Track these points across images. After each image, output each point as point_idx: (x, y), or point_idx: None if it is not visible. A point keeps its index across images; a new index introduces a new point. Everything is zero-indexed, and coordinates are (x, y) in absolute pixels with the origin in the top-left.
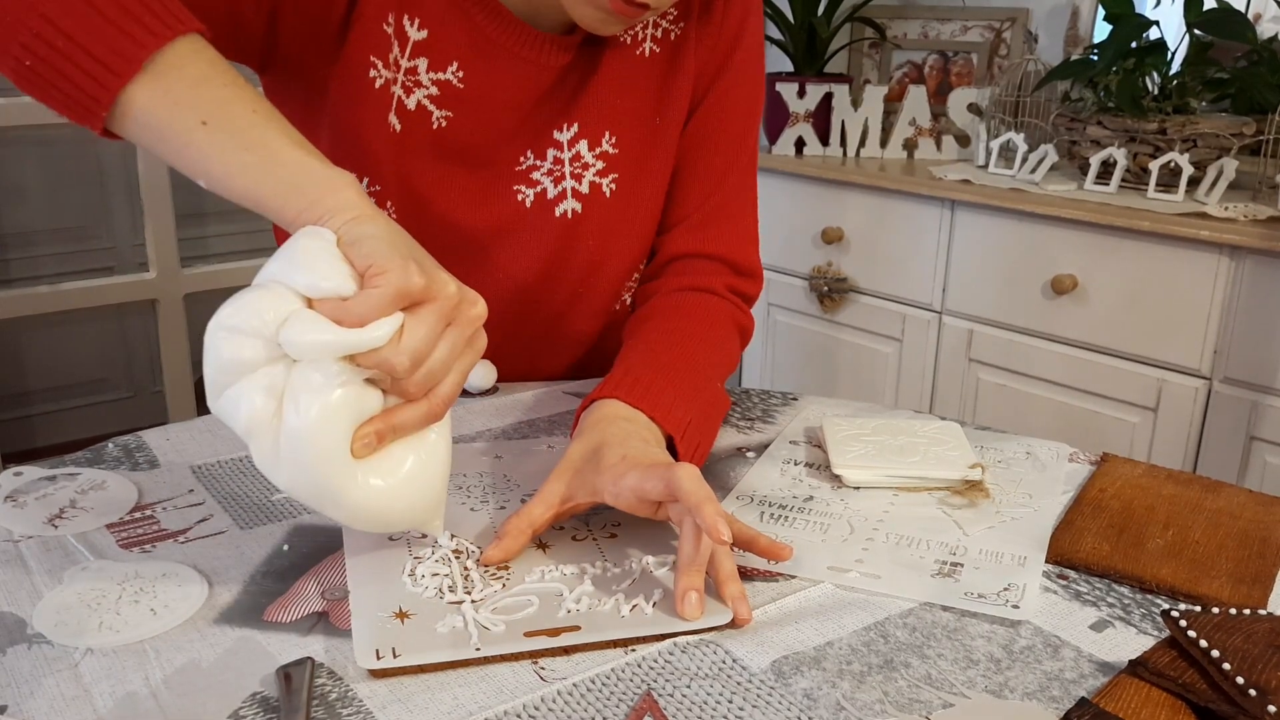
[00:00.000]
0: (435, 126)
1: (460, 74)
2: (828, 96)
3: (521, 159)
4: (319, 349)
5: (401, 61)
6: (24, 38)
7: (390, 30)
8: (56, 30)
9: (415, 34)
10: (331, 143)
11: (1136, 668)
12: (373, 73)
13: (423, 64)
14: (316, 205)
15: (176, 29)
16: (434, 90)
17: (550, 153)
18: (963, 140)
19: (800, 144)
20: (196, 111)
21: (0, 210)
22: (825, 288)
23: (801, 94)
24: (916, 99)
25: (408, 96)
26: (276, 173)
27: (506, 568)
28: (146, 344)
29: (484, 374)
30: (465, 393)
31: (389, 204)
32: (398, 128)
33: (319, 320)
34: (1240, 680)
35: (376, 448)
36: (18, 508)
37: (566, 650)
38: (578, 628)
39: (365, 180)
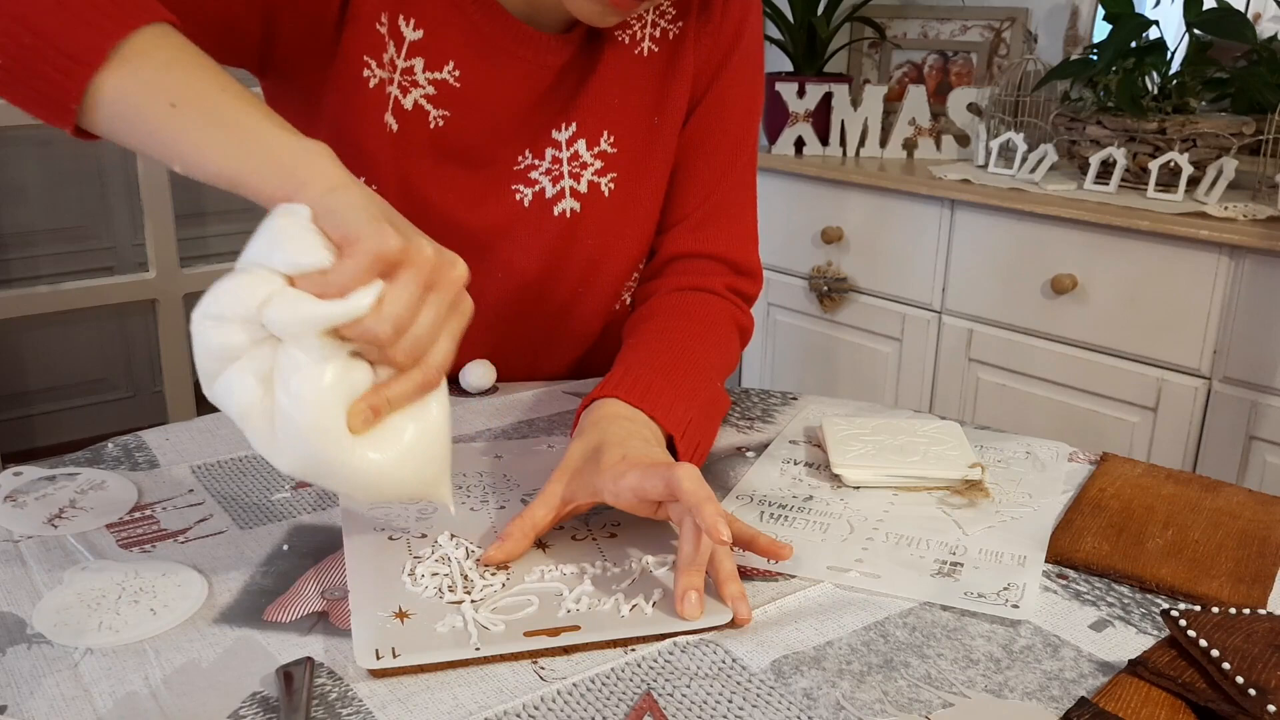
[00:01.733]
0: (433, 126)
1: (457, 73)
2: (827, 96)
3: (520, 158)
4: (300, 324)
5: (398, 61)
6: None
7: (384, 30)
8: (25, 28)
9: (411, 34)
10: (330, 143)
11: (1136, 667)
12: (366, 72)
13: (419, 64)
14: (291, 178)
15: (142, 18)
16: (431, 90)
17: (549, 152)
18: (962, 140)
19: (800, 144)
20: (165, 94)
21: (0, 210)
22: (825, 287)
23: (801, 94)
24: (916, 99)
25: (404, 96)
26: (249, 148)
27: (506, 567)
28: (146, 344)
29: (483, 373)
30: (464, 393)
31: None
32: (394, 127)
33: (299, 296)
34: (1240, 680)
35: (374, 423)
36: (18, 508)
37: (566, 650)
38: (578, 627)
39: (363, 179)
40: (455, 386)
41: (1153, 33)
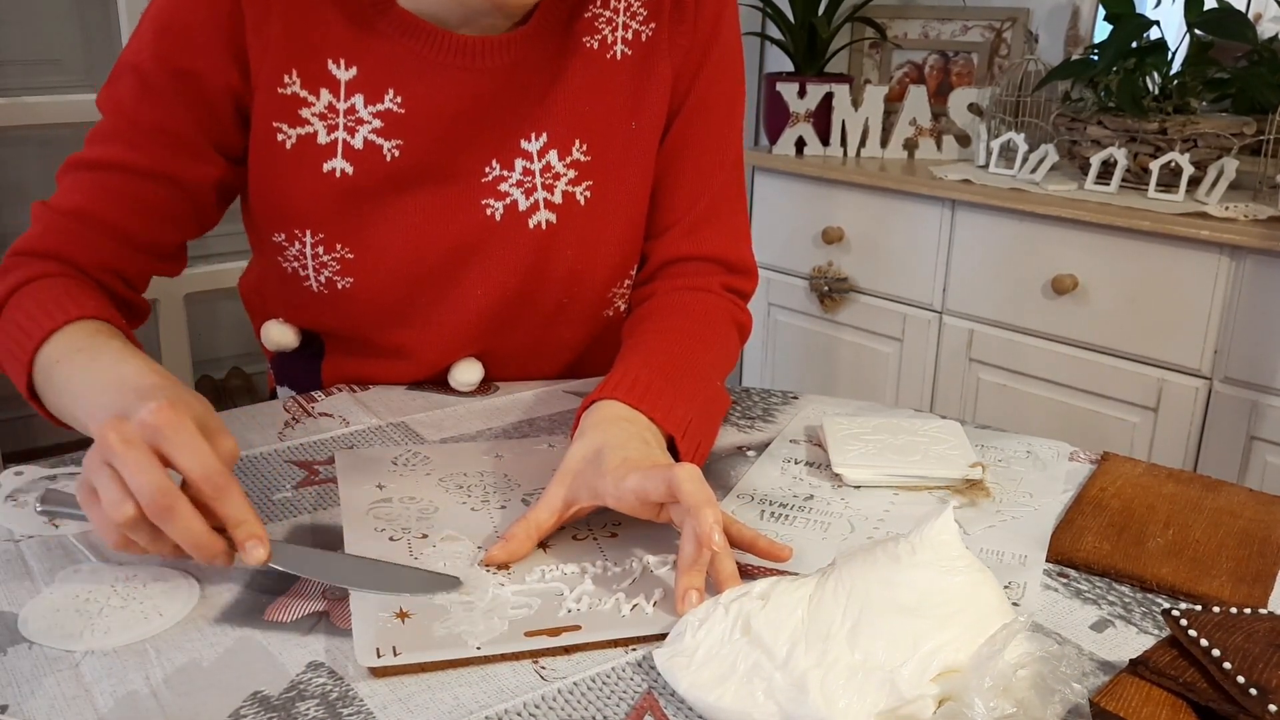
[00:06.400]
0: (389, 159)
1: (399, 99)
2: (828, 96)
3: (487, 169)
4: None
5: (338, 104)
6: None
7: (295, 88)
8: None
9: (344, 74)
10: (256, 205)
11: (1137, 667)
12: (281, 136)
13: (359, 100)
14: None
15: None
16: (378, 123)
17: (519, 163)
18: (963, 140)
19: (801, 144)
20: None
21: (0, 210)
22: (826, 288)
23: (802, 94)
24: (917, 99)
25: (353, 137)
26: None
27: (507, 567)
28: (147, 344)
29: (470, 370)
30: (457, 391)
31: (339, 247)
32: (349, 171)
33: None
34: (1241, 679)
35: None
36: (18, 508)
37: (567, 650)
38: (578, 627)
39: (308, 232)
40: (447, 385)
41: (1154, 33)
